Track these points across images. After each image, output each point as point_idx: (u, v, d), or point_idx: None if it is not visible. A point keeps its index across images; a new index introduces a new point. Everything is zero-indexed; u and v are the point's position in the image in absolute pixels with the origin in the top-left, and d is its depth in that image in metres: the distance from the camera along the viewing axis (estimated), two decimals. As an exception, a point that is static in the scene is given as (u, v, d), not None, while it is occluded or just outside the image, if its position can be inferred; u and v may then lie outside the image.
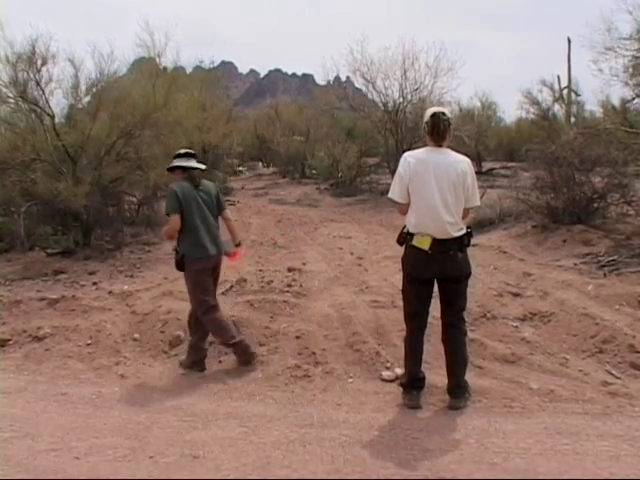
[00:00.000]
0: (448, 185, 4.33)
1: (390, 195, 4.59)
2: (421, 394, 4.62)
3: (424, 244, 4.35)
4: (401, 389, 4.68)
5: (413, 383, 4.60)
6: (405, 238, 4.51)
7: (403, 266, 4.60)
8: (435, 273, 4.44)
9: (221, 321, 5.47)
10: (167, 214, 5.38)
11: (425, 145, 4.53)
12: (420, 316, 4.60)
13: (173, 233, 5.40)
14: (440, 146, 4.44)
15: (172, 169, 5.61)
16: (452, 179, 4.34)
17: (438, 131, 4.39)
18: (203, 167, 5.69)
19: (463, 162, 4.45)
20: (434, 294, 4.60)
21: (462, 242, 4.42)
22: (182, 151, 5.71)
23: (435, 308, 4.65)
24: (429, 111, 4.52)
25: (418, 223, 4.40)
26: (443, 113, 4.43)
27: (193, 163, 5.59)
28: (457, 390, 4.54)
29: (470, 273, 4.55)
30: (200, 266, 5.41)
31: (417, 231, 4.40)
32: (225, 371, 5.37)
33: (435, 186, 4.31)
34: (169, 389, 5.04)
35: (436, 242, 4.33)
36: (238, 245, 5.86)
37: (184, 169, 5.54)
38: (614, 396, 4.59)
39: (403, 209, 4.55)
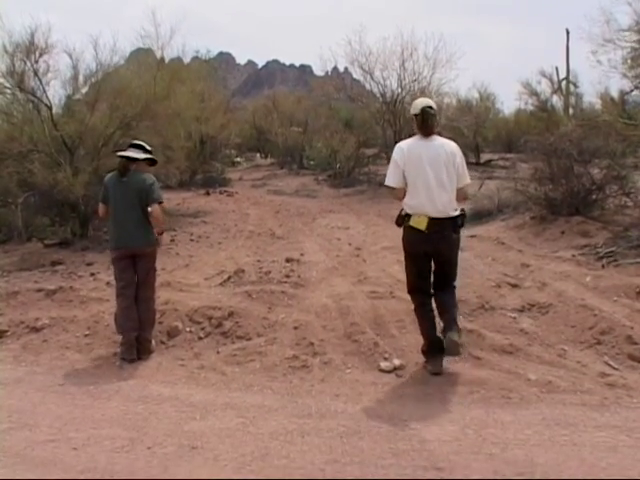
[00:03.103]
0: (439, 165, 4.75)
1: (387, 182, 4.97)
2: (442, 360, 4.91)
3: (421, 225, 4.73)
4: (423, 357, 5.04)
5: (433, 345, 4.92)
6: (403, 220, 4.89)
7: (403, 245, 5.01)
8: (429, 250, 4.85)
9: (122, 309, 5.61)
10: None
11: (415, 134, 4.96)
12: (423, 288, 5.04)
13: (102, 218, 6.00)
14: (429, 136, 4.86)
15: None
16: (443, 159, 4.77)
17: (427, 125, 4.84)
18: (135, 156, 5.70)
19: (450, 144, 4.92)
20: None
21: (456, 222, 4.81)
22: (132, 142, 5.99)
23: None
24: (417, 105, 4.93)
25: (415, 204, 4.77)
26: (430, 107, 4.86)
27: (129, 152, 5.72)
28: (453, 325, 4.82)
29: (459, 247, 5.00)
30: (113, 255, 5.76)
31: (414, 212, 4.78)
32: (223, 362, 5.36)
33: (429, 167, 4.73)
34: (167, 380, 5.04)
35: (432, 222, 4.71)
36: (159, 234, 5.83)
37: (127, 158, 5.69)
38: (612, 387, 4.59)
39: (400, 194, 4.90)
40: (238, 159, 29.65)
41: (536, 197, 10.63)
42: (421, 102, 4.99)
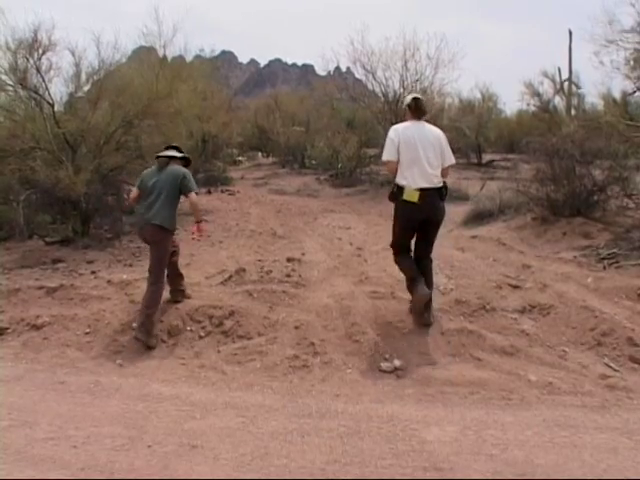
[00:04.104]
0: (428, 145, 5.66)
1: (383, 158, 5.80)
2: (424, 288, 5.63)
3: (413, 197, 5.54)
4: (409, 293, 5.88)
5: (415, 278, 5.72)
6: (396, 194, 5.69)
7: (395, 214, 5.83)
8: (421, 219, 5.67)
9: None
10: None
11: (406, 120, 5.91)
12: (406, 245, 5.91)
13: (131, 201, 6.71)
14: (419, 119, 5.82)
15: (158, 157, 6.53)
16: (431, 140, 5.71)
17: (420, 109, 5.84)
18: (173, 154, 6.51)
19: (437, 130, 5.88)
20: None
21: (441, 192, 5.68)
22: (169, 145, 6.80)
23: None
24: (409, 96, 6.04)
25: (408, 175, 5.59)
26: (420, 98, 5.95)
27: (167, 152, 6.51)
28: (429, 305, 5.71)
29: (444, 216, 5.81)
30: (137, 230, 6.50)
31: (408, 183, 5.58)
32: (224, 361, 5.37)
33: (419, 146, 5.61)
34: (167, 378, 5.04)
35: (422, 194, 5.52)
36: (198, 222, 6.42)
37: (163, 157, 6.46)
38: (612, 389, 4.59)
39: (393, 167, 5.71)
40: (240, 158, 29.61)
41: (538, 198, 10.61)
42: (411, 94, 6.10)
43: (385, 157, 5.75)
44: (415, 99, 5.88)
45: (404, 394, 4.62)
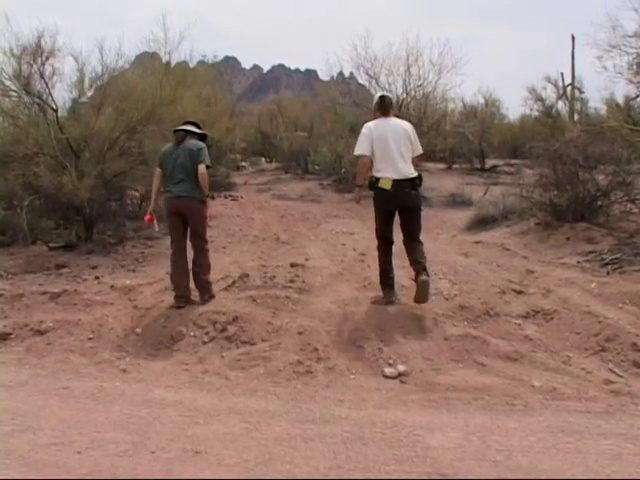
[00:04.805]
0: (398, 138, 6.16)
1: (356, 152, 6.31)
2: (394, 292, 6.43)
3: (387, 185, 6.05)
4: (381, 291, 6.46)
5: (387, 280, 6.43)
6: (373, 184, 6.18)
7: (375, 203, 6.33)
8: (395, 205, 6.18)
9: (173, 263, 6.73)
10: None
11: (376, 118, 6.41)
12: (388, 234, 6.40)
13: (156, 179, 6.81)
14: (388, 115, 6.37)
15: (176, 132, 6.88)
16: (401, 134, 6.21)
17: (386, 105, 6.41)
18: (189, 129, 6.87)
19: (405, 123, 6.42)
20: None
21: (414, 182, 6.16)
22: (187, 120, 7.23)
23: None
24: (377, 95, 6.67)
25: (382, 168, 6.12)
26: (388, 95, 6.64)
27: (184, 127, 6.88)
28: (422, 271, 6.02)
29: (420, 205, 6.36)
30: (166, 207, 6.71)
31: (381, 175, 6.11)
32: (227, 366, 5.36)
33: (392, 141, 6.11)
34: (171, 384, 5.04)
35: (395, 183, 6.03)
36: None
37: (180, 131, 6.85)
38: (617, 394, 4.57)
39: (366, 160, 6.20)
40: (243, 163, 29.61)
41: (541, 203, 10.60)
42: (379, 93, 6.76)
43: (359, 151, 6.24)
44: (382, 97, 6.50)
45: (408, 400, 4.61)
